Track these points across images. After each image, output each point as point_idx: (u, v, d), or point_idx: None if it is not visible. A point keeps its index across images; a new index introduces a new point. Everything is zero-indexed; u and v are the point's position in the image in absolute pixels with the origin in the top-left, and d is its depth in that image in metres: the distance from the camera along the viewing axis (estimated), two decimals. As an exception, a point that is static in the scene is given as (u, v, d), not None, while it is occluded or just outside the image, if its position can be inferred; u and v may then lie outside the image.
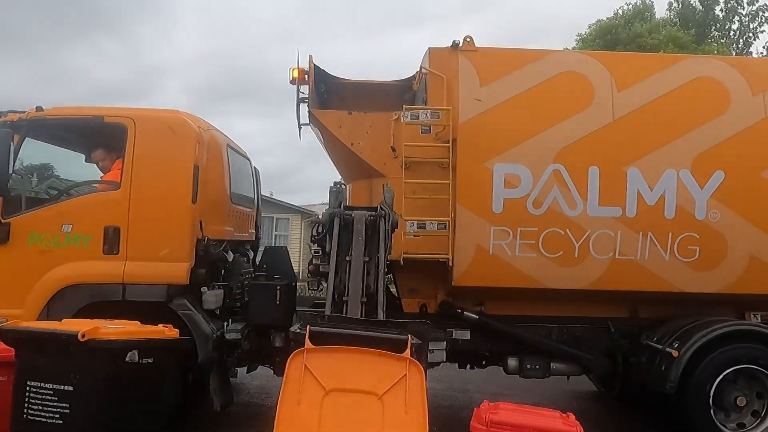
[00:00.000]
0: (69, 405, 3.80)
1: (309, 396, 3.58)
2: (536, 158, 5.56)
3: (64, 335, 3.85)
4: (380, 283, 4.98)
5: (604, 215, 5.58)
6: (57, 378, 3.84)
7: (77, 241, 5.33)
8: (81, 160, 6.38)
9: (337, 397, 3.59)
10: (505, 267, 5.62)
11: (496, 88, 5.67)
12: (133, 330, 4.19)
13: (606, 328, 6.14)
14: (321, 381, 3.61)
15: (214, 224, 5.80)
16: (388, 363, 3.70)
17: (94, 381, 3.84)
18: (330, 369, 3.65)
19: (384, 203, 5.27)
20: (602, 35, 23.28)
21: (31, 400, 3.88)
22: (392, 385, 3.61)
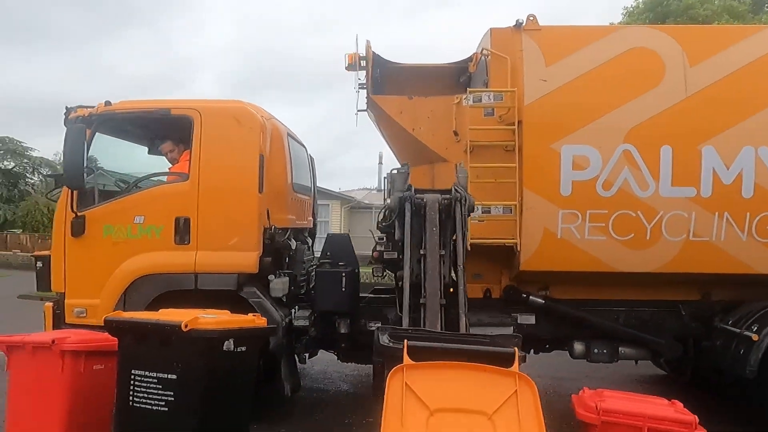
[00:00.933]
0: (173, 393, 3.89)
1: (413, 417, 3.34)
2: (605, 138, 5.41)
3: (167, 325, 3.93)
4: (460, 280, 4.77)
5: (677, 196, 5.40)
6: (161, 366, 3.93)
7: (149, 232, 5.45)
8: (145, 153, 6.54)
9: (443, 418, 3.34)
10: (573, 250, 5.51)
11: (562, 68, 5.51)
12: (227, 320, 4.23)
13: (676, 311, 5.98)
14: (424, 400, 3.37)
15: (279, 212, 5.86)
16: (494, 379, 3.45)
17: (196, 369, 3.90)
18: (432, 387, 3.41)
19: (458, 185, 5.09)
20: (652, 8, 22.36)
21: (136, 388, 3.98)
22: (502, 403, 3.36)
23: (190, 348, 3.87)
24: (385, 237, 5.79)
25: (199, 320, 3.94)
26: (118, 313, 4.38)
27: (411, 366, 3.48)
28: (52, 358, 4.35)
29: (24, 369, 4.44)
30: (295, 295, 6.03)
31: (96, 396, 4.46)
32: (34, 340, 4.46)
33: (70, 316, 5.50)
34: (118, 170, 6.32)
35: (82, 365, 4.41)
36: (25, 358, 4.42)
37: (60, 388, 4.33)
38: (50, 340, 4.38)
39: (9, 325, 5.73)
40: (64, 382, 4.34)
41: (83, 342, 4.49)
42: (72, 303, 5.51)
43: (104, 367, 4.48)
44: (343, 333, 5.95)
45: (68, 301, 5.53)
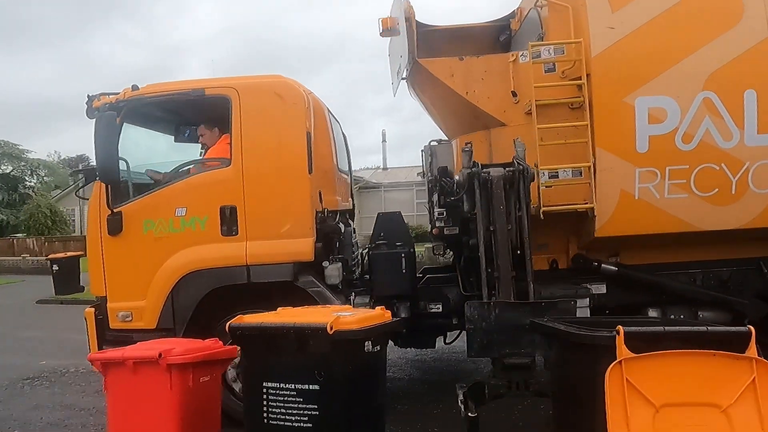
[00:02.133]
0: (317, 406, 3.45)
1: (638, 417, 2.96)
2: (683, 87, 4.95)
3: (308, 328, 3.47)
4: (527, 251, 4.69)
5: (764, 144, 4.96)
6: (300, 377, 3.48)
7: (193, 224, 5.03)
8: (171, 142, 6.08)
9: (670, 414, 2.96)
10: (653, 212, 5.09)
11: (630, 13, 5.03)
12: (365, 317, 3.75)
13: (757, 268, 5.59)
14: (648, 396, 2.99)
15: (328, 194, 5.46)
16: (726, 365, 3.01)
17: (340, 376, 3.46)
18: (655, 379, 3.01)
19: (517, 157, 4.87)
20: None
21: (270, 403, 3.53)
22: (738, 394, 2.94)
23: (332, 352, 3.42)
24: (445, 212, 5.40)
25: (341, 320, 3.48)
26: (240, 318, 3.87)
27: (630, 359, 3.03)
28: (159, 374, 3.91)
29: (125, 388, 4.02)
30: (348, 281, 5.64)
31: (205, 411, 4.10)
32: (135, 354, 4.04)
33: (114, 321, 5.12)
34: (145, 161, 5.86)
35: (191, 379, 3.98)
36: (126, 376, 3.99)
37: (169, 407, 3.91)
38: (156, 354, 3.92)
39: (37, 331, 5.39)
40: (174, 400, 3.91)
41: (190, 352, 4.04)
42: (115, 307, 5.11)
43: (210, 378, 4.11)
44: (403, 317, 5.56)
45: (111, 304, 5.13)
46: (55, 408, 6.13)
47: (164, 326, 5.02)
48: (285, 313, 3.91)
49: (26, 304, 14.03)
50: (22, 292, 16.66)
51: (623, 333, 3.04)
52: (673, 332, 3.23)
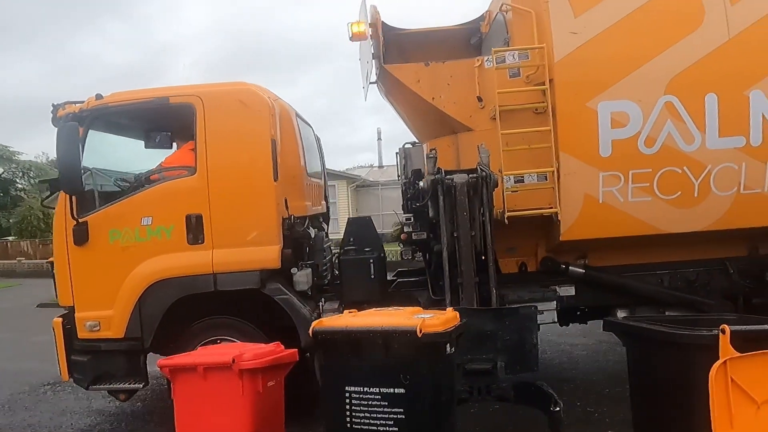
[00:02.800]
0: (404, 409, 3.42)
1: (741, 415, 3.03)
2: (645, 91, 4.98)
3: (396, 332, 3.45)
4: (489, 255, 4.78)
5: (725, 147, 5.01)
6: (384, 380, 3.45)
7: (159, 233, 5.03)
8: (142, 148, 6.06)
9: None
10: (617, 215, 5.14)
11: (592, 18, 5.05)
12: (445, 318, 3.72)
13: (723, 269, 5.65)
14: (750, 392, 3.06)
15: (295, 200, 5.45)
16: None
17: (425, 379, 3.46)
18: (756, 377, 3.09)
19: (481, 164, 4.90)
20: None
21: (354, 408, 3.52)
22: None
23: (418, 355, 3.42)
24: (413, 217, 5.43)
25: (427, 322, 3.49)
26: (320, 322, 3.85)
27: (734, 358, 3.09)
28: (231, 379, 3.96)
29: (196, 393, 4.04)
30: (319, 287, 5.65)
31: (271, 416, 4.17)
32: (206, 361, 4.08)
33: (82, 331, 5.12)
34: (114, 169, 5.85)
35: (260, 384, 4.04)
36: (197, 382, 4.02)
37: (241, 412, 3.97)
38: (229, 359, 3.96)
39: (47, 335, 5.40)
40: (246, 405, 3.97)
41: (259, 357, 4.09)
42: (83, 316, 5.11)
43: (275, 383, 4.17)
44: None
45: (79, 314, 5.14)
46: (83, 413, 6.11)
47: (132, 335, 5.04)
48: (363, 315, 3.92)
49: (27, 308, 13.83)
50: (21, 295, 16.53)
51: (729, 332, 3.09)
52: None
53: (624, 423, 4.64)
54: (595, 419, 5.02)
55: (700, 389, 3.07)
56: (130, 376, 5.13)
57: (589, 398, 5.49)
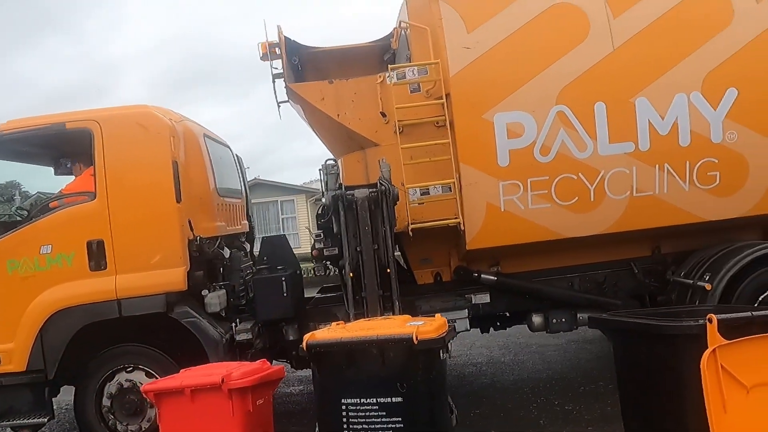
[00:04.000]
0: (401, 418, 3.45)
1: (732, 400, 3.15)
2: (537, 102, 5.18)
3: (392, 341, 3.45)
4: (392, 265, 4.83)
5: (616, 152, 5.24)
6: (381, 390, 3.47)
7: (59, 261, 4.93)
8: (50, 174, 5.94)
9: (760, 393, 3.19)
10: (519, 222, 5.30)
11: (484, 33, 5.24)
12: (438, 325, 3.70)
13: (629, 269, 5.87)
14: (739, 378, 3.18)
15: (203, 221, 5.40)
16: None
17: (422, 386, 3.48)
18: (743, 362, 3.20)
19: (382, 178, 5.00)
20: None
21: (351, 420, 3.49)
22: None
23: (414, 363, 3.44)
24: (323, 234, 5.46)
25: (421, 329, 3.47)
26: (313, 335, 3.77)
27: (723, 345, 3.19)
28: (220, 400, 3.83)
29: (183, 417, 3.90)
30: (235, 307, 5.61)
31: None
32: (193, 382, 3.93)
33: (-17, 365, 4.93)
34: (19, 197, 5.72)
35: (250, 403, 3.91)
36: (184, 405, 3.87)
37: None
38: (218, 379, 3.84)
39: None
40: (237, 425, 3.85)
41: (248, 375, 3.97)
42: (-17, 351, 4.93)
43: (264, 400, 4.05)
44: (293, 340, 5.57)
45: (-22, 349, 4.95)
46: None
47: (34, 368, 4.90)
48: (354, 327, 3.88)
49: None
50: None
51: (716, 321, 3.19)
52: (760, 317, 3.43)
53: (602, 419, 4.88)
54: (574, 417, 5.15)
55: (690, 378, 3.21)
56: (34, 410, 4.97)
57: (566, 396, 5.65)
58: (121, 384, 4.96)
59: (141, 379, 4.89)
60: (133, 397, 4.91)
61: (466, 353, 7.65)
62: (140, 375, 4.95)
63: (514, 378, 6.57)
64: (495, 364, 7.18)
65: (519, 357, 7.37)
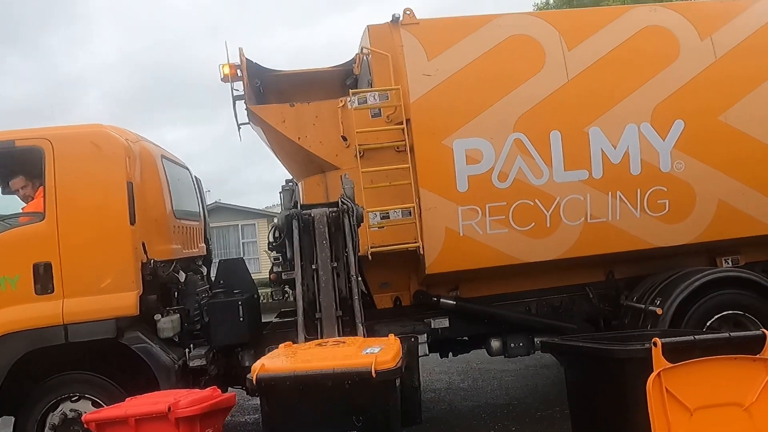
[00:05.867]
0: None
1: (677, 423, 3.24)
2: (495, 129, 5.29)
3: (351, 374, 3.25)
4: (354, 290, 4.63)
5: (571, 180, 5.38)
6: (336, 425, 3.33)
7: (2, 284, 4.72)
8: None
9: (703, 416, 3.27)
10: (477, 247, 5.36)
11: (444, 61, 5.34)
12: (394, 351, 3.54)
13: (584, 294, 5.99)
14: (683, 401, 3.27)
15: (158, 244, 5.27)
16: (745, 367, 3.38)
17: (379, 418, 3.36)
18: (687, 385, 3.29)
19: (344, 196, 4.91)
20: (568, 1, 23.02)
21: None
22: (758, 393, 3.31)
23: (371, 394, 3.27)
24: (281, 257, 5.39)
25: (379, 359, 3.30)
26: (264, 368, 3.46)
27: (667, 369, 3.29)
28: (167, 430, 3.64)
29: None
30: (190, 332, 5.45)
31: None
32: (138, 411, 3.72)
33: None
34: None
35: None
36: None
37: None
38: (164, 408, 3.65)
39: None
40: None
41: (197, 403, 3.81)
42: None
43: (213, 430, 3.90)
44: (248, 366, 5.42)
45: None
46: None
47: (-29, 396, 4.63)
48: (305, 352, 3.70)
49: None
50: None
51: (660, 344, 3.25)
52: (702, 341, 3.54)
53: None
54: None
55: (637, 400, 3.29)
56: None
57: (523, 422, 5.67)
58: (65, 414, 4.73)
59: (87, 408, 4.68)
60: (78, 429, 4.68)
61: (426, 379, 7.62)
62: (86, 404, 4.74)
63: (473, 404, 6.56)
64: (454, 390, 7.17)
65: (477, 383, 7.39)
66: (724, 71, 5.57)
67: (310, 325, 4.54)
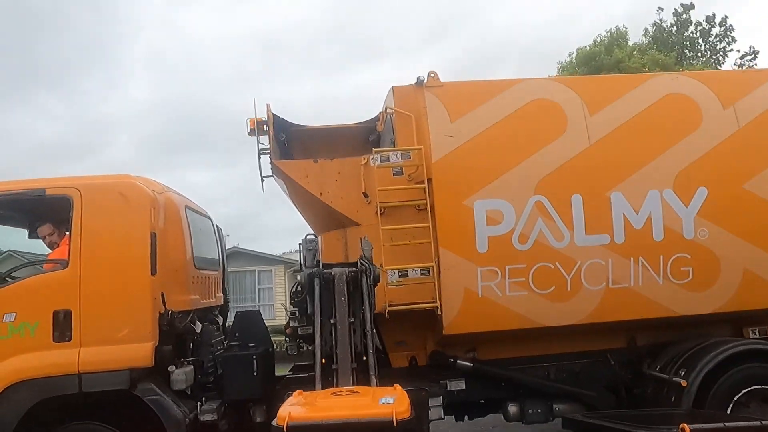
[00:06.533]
0: None
1: None
2: (516, 191, 5.31)
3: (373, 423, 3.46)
4: (369, 344, 4.66)
5: (592, 244, 5.34)
6: None
7: (22, 330, 4.74)
8: (24, 237, 5.84)
9: None
10: (496, 309, 5.28)
11: (467, 123, 5.43)
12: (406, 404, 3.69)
13: (605, 360, 5.83)
14: None
15: (177, 294, 5.29)
16: None
17: None
18: None
19: (363, 257, 4.98)
20: (586, 62, 23.58)
21: None
22: None
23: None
24: (298, 312, 5.38)
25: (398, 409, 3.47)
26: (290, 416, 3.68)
27: None
28: None
29: None
30: (203, 384, 5.40)
31: None
32: None
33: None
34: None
35: None
36: None
37: None
38: None
39: None
40: None
41: None
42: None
43: None
44: (260, 422, 5.35)
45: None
46: None
47: (-18, 444, 4.60)
48: (325, 404, 3.83)
49: None
50: None
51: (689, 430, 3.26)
52: (732, 428, 3.64)
53: None
54: None
55: None
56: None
57: None
58: (73, 465, 4.67)
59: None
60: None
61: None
62: None
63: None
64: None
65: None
66: (748, 140, 5.58)
67: (326, 375, 4.62)
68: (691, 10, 27.54)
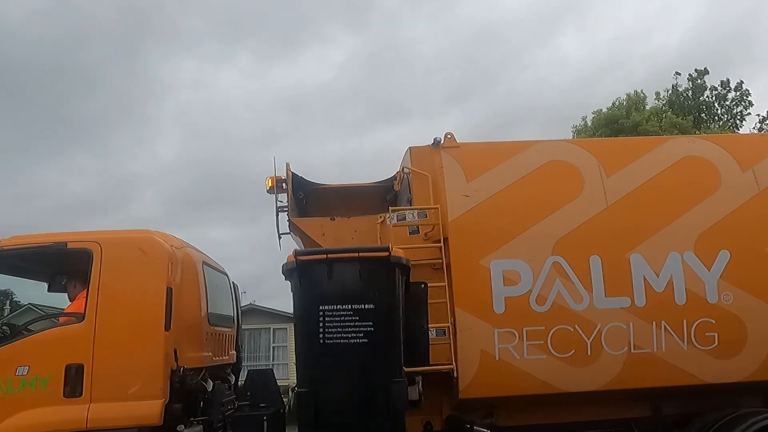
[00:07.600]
0: None
1: None
2: (534, 251, 5.27)
3: None
4: None
5: (612, 306, 5.22)
6: None
7: (33, 384, 4.70)
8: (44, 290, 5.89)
9: None
10: (514, 372, 5.13)
11: (483, 183, 5.47)
12: None
13: (629, 430, 5.57)
14: None
15: (190, 351, 5.24)
16: None
17: None
18: None
19: None
20: (607, 124, 23.84)
21: None
22: None
23: None
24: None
25: None
26: None
27: None
28: None
29: None
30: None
31: None
32: None
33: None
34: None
35: None
36: None
37: None
38: None
39: None
40: None
41: None
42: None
43: None
44: None
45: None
46: None
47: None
48: None
49: None
50: None
51: None
52: None
53: None
54: None
55: None
56: None
57: None
58: None
59: None
60: None
61: None
62: None
63: None
64: None
65: None
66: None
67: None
68: (705, 75, 27.90)
